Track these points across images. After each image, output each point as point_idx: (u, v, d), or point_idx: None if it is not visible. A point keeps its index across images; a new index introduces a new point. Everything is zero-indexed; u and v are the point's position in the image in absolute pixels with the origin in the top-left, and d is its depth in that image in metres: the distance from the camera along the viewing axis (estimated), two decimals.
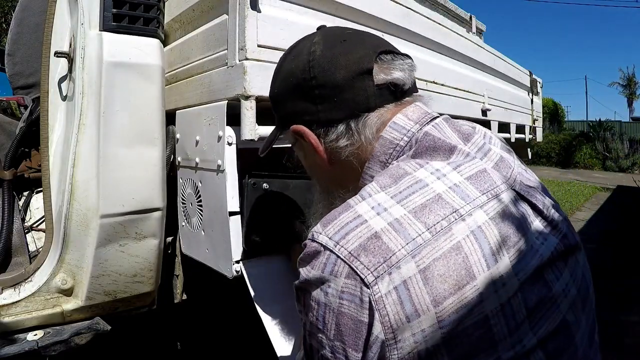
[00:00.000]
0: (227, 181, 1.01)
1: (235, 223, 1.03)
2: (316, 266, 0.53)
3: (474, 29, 2.49)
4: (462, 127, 0.64)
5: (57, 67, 1.16)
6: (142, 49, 1.09)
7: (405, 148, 0.61)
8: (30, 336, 1.02)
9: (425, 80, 1.52)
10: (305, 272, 0.55)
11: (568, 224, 0.60)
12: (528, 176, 0.62)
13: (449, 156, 0.58)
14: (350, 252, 0.51)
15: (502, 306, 0.49)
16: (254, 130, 0.96)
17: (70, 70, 1.11)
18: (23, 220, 1.26)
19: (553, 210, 0.59)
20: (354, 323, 0.50)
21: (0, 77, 2.22)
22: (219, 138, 1.02)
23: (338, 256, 0.51)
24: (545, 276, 0.53)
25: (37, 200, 1.32)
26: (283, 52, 0.71)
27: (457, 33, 1.78)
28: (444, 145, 0.59)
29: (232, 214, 1.02)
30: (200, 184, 1.13)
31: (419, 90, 0.70)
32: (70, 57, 1.11)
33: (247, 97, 0.95)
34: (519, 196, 0.57)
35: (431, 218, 0.51)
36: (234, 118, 1.00)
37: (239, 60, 0.96)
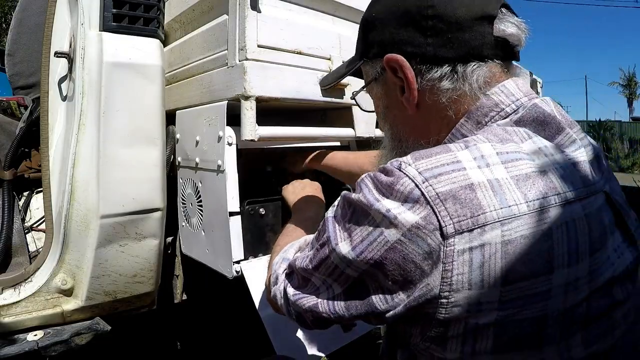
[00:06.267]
0: (227, 181, 1.01)
1: (235, 223, 1.03)
2: (393, 194, 0.48)
3: None
4: (565, 113, 0.57)
5: (57, 67, 1.16)
6: (142, 49, 1.08)
7: (510, 115, 0.56)
8: (30, 336, 1.02)
9: None
10: (373, 195, 0.49)
11: None
12: (616, 183, 0.57)
13: (555, 136, 0.53)
14: (437, 194, 0.45)
15: (565, 311, 0.46)
16: (254, 130, 0.96)
17: (70, 70, 1.11)
18: (23, 220, 1.26)
19: (636, 225, 0.56)
20: (404, 264, 0.46)
21: (0, 77, 2.22)
22: (219, 138, 1.02)
23: (423, 194, 0.46)
24: (612, 292, 0.49)
25: (37, 200, 1.31)
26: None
27: None
28: (553, 122, 0.54)
29: (232, 214, 1.02)
30: (200, 184, 1.13)
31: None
32: (70, 57, 1.10)
33: (247, 97, 0.95)
34: (609, 201, 0.53)
35: (532, 192, 0.46)
36: (234, 118, 1.00)
37: (239, 61, 0.96)
